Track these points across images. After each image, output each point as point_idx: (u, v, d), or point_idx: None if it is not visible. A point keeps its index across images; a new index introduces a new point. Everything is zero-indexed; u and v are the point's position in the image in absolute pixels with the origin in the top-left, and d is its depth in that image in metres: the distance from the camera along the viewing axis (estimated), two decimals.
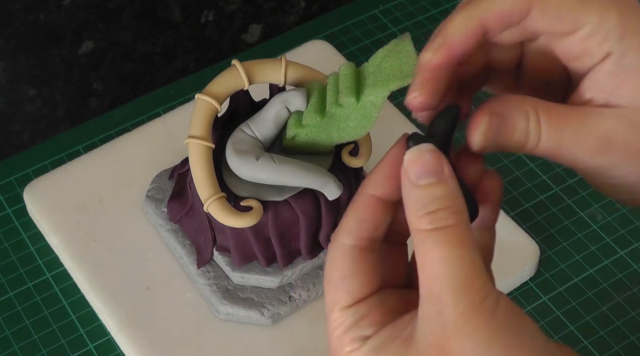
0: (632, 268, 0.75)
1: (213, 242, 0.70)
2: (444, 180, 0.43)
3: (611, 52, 0.46)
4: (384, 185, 0.45)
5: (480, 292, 0.41)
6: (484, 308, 0.41)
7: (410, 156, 0.44)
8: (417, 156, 0.44)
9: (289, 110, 0.66)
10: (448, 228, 0.42)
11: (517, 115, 0.45)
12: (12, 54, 0.83)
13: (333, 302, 0.45)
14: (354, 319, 0.44)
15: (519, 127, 0.45)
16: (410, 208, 0.43)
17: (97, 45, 0.87)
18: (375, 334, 0.44)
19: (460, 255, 0.42)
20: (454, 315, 0.41)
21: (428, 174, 0.43)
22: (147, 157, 0.78)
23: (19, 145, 0.87)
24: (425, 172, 0.43)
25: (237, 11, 0.92)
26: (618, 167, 0.46)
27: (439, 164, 0.43)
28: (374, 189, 0.45)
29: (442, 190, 0.43)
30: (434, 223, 0.42)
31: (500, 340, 0.41)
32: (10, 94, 0.85)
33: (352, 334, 0.44)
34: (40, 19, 0.83)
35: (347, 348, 0.44)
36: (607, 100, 0.46)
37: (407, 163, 0.44)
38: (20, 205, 0.78)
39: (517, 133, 0.45)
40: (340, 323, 0.45)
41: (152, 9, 0.88)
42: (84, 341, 0.72)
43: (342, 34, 0.90)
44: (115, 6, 0.86)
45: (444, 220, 0.42)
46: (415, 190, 0.43)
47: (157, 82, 0.92)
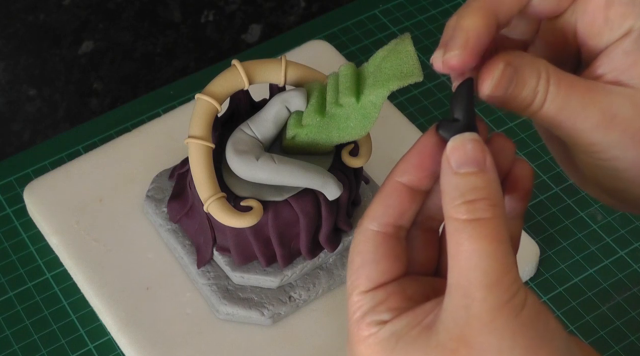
0: (632, 268, 0.75)
1: (213, 242, 0.70)
2: (485, 170, 0.43)
3: (633, 29, 0.46)
4: (411, 172, 0.45)
5: (509, 289, 0.41)
6: (512, 305, 0.41)
7: (454, 143, 0.43)
8: (460, 143, 0.43)
9: (289, 110, 0.66)
10: (485, 221, 0.42)
11: (529, 71, 0.45)
12: (12, 54, 0.83)
13: (353, 286, 0.45)
14: (371, 304, 0.44)
15: (529, 83, 0.45)
16: (448, 195, 0.43)
17: (97, 45, 0.87)
18: (393, 319, 0.44)
19: (494, 250, 0.41)
20: (481, 310, 0.41)
21: (470, 163, 0.43)
22: (147, 157, 0.78)
23: (19, 145, 0.87)
24: (467, 160, 0.43)
25: (237, 11, 0.92)
26: (614, 147, 0.46)
27: (482, 154, 0.43)
28: (401, 176, 0.45)
29: (482, 181, 0.42)
30: (470, 213, 0.42)
31: (524, 338, 0.41)
32: (10, 94, 0.85)
33: (369, 318, 0.44)
34: (40, 19, 0.83)
35: (365, 333, 0.44)
36: (617, 78, 0.46)
37: (449, 150, 0.43)
38: (20, 205, 0.78)
39: (526, 89, 0.45)
40: (358, 307, 0.44)
41: (152, 9, 0.88)
42: (84, 341, 0.72)
43: (342, 34, 0.90)
44: (115, 6, 0.86)
45: (481, 212, 0.42)
46: (455, 178, 0.42)
47: (157, 82, 0.92)
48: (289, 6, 0.95)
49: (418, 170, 0.45)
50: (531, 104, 0.46)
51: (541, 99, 0.45)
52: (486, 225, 0.42)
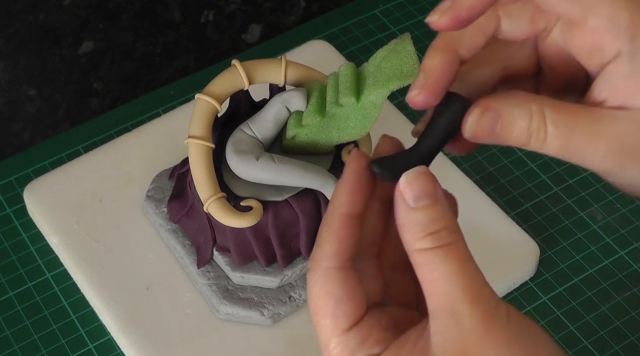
0: (632, 268, 0.75)
1: (213, 242, 0.70)
2: (439, 200, 0.44)
3: (622, 51, 0.46)
4: (350, 201, 0.46)
5: (491, 301, 0.43)
6: (499, 315, 0.43)
7: (407, 179, 0.44)
8: (413, 179, 0.44)
9: (289, 110, 0.66)
10: (451, 245, 0.43)
11: (516, 112, 0.45)
12: (12, 54, 0.83)
13: (331, 329, 0.45)
14: (357, 341, 0.44)
15: (517, 125, 0.45)
16: (409, 230, 0.44)
17: (97, 45, 0.87)
18: (384, 351, 0.44)
19: (466, 267, 0.43)
20: (472, 324, 0.42)
21: (424, 196, 0.44)
22: (147, 157, 0.78)
23: (19, 145, 0.87)
24: (422, 194, 0.44)
25: (237, 11, 0.92)
26: (630, 170, 0.46)
27: (434, 186, 0.44)
28: (343, 208, 0.46)
29: (438, 211, 0.44)
30: (437, 242, 0.43)
31: (519, 345, 0.42)
32: (10, 94, 0.85)
33: (361, 354, 0.44)
34: (40, 19, 0.83)
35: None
36: (622, 102, 0.46)
37: (403, 186, 0.44)
38: (20, 205, 0.78)
39: (516, 130, 0.45)
40: (343, 347, 0.44)
41: (152, 9, 0.88)
42: (84, 341, 0.72)
43: (342, 34, 0.90)
44: (115, 6, 0.86)
45: (446, 239, 0.43)
46: (413, 213, 0.44)
47: (157, 82, 0.92)
48: (289, 6, 0.95)
49: (354, 197, 0.46)
50: (529, 142, 0.46)
51: (540, 137, 0.45)
52: (453, 248, 0.43)
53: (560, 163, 0.81)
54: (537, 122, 0.45)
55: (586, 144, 0.45)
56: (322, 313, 0.45)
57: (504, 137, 0.46)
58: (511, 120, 0.45)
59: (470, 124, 0.46)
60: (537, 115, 0.45)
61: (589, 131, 0.45)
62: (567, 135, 0.45)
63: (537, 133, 0.45)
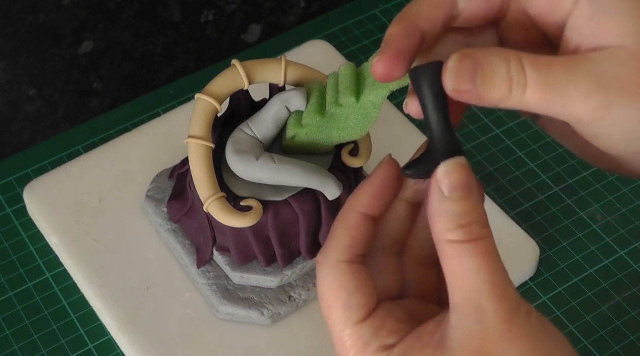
0: (632, 268, 0.75)
1: (213, 242, 0.70)
2: (473, 193, 0.44)
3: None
4: (371, 204, 0.47)
5: (515, 300, 0.43)
6: (522, 314, 0.43)
7: (445, 169, 0.45)
8: (452, 169, 0.45)
9: (289, 110, 0.66)
10: (482, 240, 0.43)
11: (495, 59, 0.45)
12: (12, 54, 0.83)
13: (344, 320, 0.45)
14: (372, 331, 0.44)
15: (498, 70, 0.45)
16: (441, 220, 0.44)
17: (97, 45, 0.87)
18: (399, 343, 0.44)
19: (495, 266, 0.43)
20: (496, 321, 0.42)
21: (460, 188, 0.44)
22: (147, 157, 0.78)
23: (19, 145, 0.87)
24: (458, 185, 0.44)
25: (237, 11, 0.92)
26: (615, 107, 0.45)
27: (470, 178, 0.45)
28: (363, 208, 0.47)
29: (472, 204, 0.44)
30: (468, 235, 0.43)
31: (541, 343, 0.42)
32: (10, 94, 0.85)
33: (374, 345, 0.44)
34: (40, 19, 0.83)
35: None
36: (593, 45, 0.46)
37: (441, 175, 0.44)
38: (20, 205, 0.78)
39: (498, 77, 0.45)
40: (357, 338, 0.44)
41: (152, 9, 0.88)
42: (84, 341, 0.72)
43: (342, 34, 0.90)
44: (115, 6, 0.86)
45: (477, 233, 0.43)
46: (448, 203, 0.44)
47: (157, 82, 0.92)
48: (289, 6, 0.95)
49: (378, 200, 0.47)
50: (511, 91, 0.45)
51: (521, 83, 0.45)
52: (484, 244, 0.43)
53: (560, 163, 0.81)
54: (515, 66, 0.45)
55: (568, 82, 0.44)
56: (334, 305, 0.45)
57: (487, 89, 0.45)
58: (490, 67, 0.45)
59: (450, 71, 0.45)
60: (515, 60, 0.45)
61: (567, 70, 0.45)
62: (546, 77, 0.45)
63: (517, 79, 0.44)
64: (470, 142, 0.82)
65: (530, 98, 0.45)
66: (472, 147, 0.82)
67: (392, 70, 0.47)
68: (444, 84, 0.45)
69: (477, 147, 0.82)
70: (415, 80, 0.46)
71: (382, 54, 0.47)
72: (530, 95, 0.45)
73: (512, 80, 0.45)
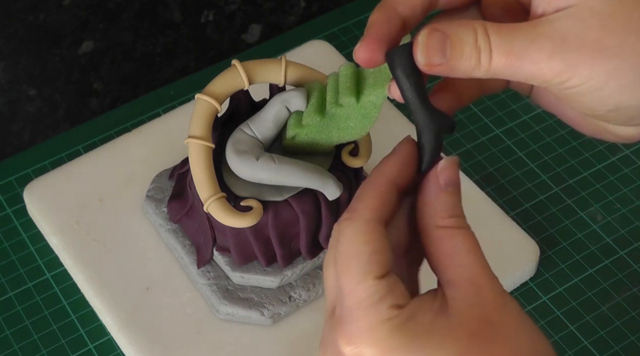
0: (632, 268, 0.75)
1: (213, 242, 0.70)
2: (460, 192, 0.48)
3: None
4: (402, 174, 0.48)
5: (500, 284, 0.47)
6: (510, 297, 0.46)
7: (445, 164, 0.48)
8: (449, 165, 0.48)
9: (289, 110, 0.66)
10: (468, 229, 0.47)
11: (462, 30, 0.46)
12: (12, 54, 0.83)
13: (364, 273, 0.45)
14: (387, 289, 0.45)
15: (466, 40, 0.46)
16: (435, 208, 0.47)
17: (97, 45, 0.87)
18: (407, 305, 0.45)
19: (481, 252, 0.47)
20: (493, 295, 0.46)
21: (453, 183, 0.48)
22: (147, 157, 0.78)
23: (19, 145, 0.87)
24: (452, 181, 0.48)
25: (237, 11, 0.92)
26: (577, 68, 0.46)
27: (459, 177, 0.48)
28: (393, 175, 0.48)
29: (459, 200, 0.48)
30: (458, 223, 0.47)
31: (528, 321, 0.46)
32: (10, 94, 0.85)
33: (388, 301, 0.45)
34: (40, 19, 0.83)
35: (385, 316, 0.45)
36: (557, 6, 0.47)
37: (441, 168, 0.48)
38: (20, 205, 0.78)
39: (466, 48, 0.46)
40: (374, 291, 0.45)
41: (152, 9, 0.88)
42: (84, 341, 0.72)
43: (342, 34, 0.90)
44: (115, 6, 0.86)
45: (464, 224, 0.47)
46: (443, 195, 0.47)
47: (157, 82, 0.92)
48: (289, 6, 0.95)
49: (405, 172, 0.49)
50: (480, 60, 0.46)
51: (487, 50, 0.46)
52: (470, 232, 0.47)
53: (560, 163, 0.81)
54: (482, 35, 0.46)
55: (529, 45, 0.46)
56: (356, 257, 0.46)
57: (457, 59, 0.46)
58: (458, 38, 0.46)
59: (420, 46, 0.47)
60: (480, 29, 0.46)
61: (529, 33, 0.46)
62: (509, 42, 0.46)
63: (484, 47, 0.46)
64: (470, 142, 0.82)
65: (496, 64, 0.46)
66: (472, 147, 0.82)
67: (372, 54, 0.49)
68: (416, 59, 0.47)
69: (477, 147, 0.82)
70: (389, 62, 0.48)
71: (363, 40, 0.49)
72: (496, 62, 0.46)
73: (479, 49, 0.46)
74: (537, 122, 0.83)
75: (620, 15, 0.46)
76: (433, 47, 0.46)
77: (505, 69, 0.46)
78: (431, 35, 0.46)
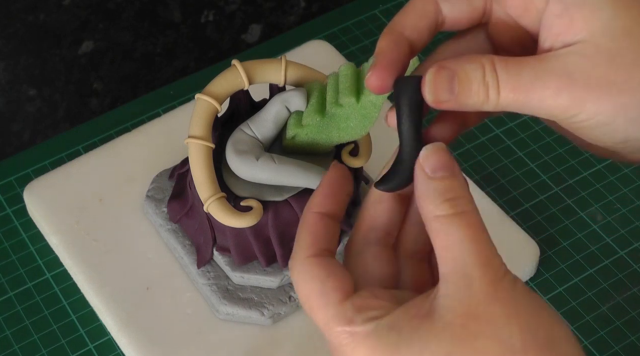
0: (632, 268, 0.75)
1: (213, 242, 0.70)
2: (457, 174, 0.47)
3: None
4: (326, 203, 0.49)
5: (500, 269, 0.45)
6: (507, 280, 0.45)
7: (426, 152, 0.47)
8: (432, 152, 0.47)
9: (289, 110, 0.66)
10: (468, 213, 0.46)
11: (469, 67, 0.47)
12: (12, 54, 0.83)
13: (325, 305, 0.46)
14: (353, 309, 0.45)
15: (474, 77, 0.47)
16: (428, 197, 0.46)
17: (97, 45, 0.87)
18: (387, 315, 0.45)
19: (480, 236, 0.45)
20: (482, 285, 0.44)
21: (442, 168, 0.46)
22: (147, 157, 0.78)
23: (19, 145, 0.87)
24: (440, 166, 0.46)
25: (237, 11, 0.92)
26: (585, 104, 0.46)
27: (451, 161, 0.47)
28: (317, 207, 0.49)
29: (456, 182, 0.46)
30: (454, 208, 0.45)
31: (526, 306, 0.44)
32: (10, 94, 0.85)
33: (359, 319, 0.45)
34: (40, 19, 0.83)
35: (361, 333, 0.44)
36: (564, 41, 0.47)
37: (423, 158, 0.47)
38: (20, 205, 0.78)
39: (474, 84, 0.47)
40: (340, 317, 0.45)
41: (152, 9, 0.88)
42: (84, 341, 0.72)
43: (342, 34, 0.90)
44: (115, 6, 0.86)
45: (463, 206, 0.46)
46: (432, 182, 0.46)
47: (157, 82, 0.92)
48: (289, 6, 0.95)
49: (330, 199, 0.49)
50: (488, 96, 0.47)
51: (494, 87, 0.46)
52: (470, 216, 0.46)
53: (560, 163, 0.81)
54: (489, 71, 0.46)
55: (535, 81, 0.46)
56: (312, 296, 0.46)
57: (465, 96, 0.47)
58: (466, 75, 0.47)
59: (428, 84, 0.47)
60: (488, 65, 0.47)
61: (536, 69, 0.46)
62: (517, 78, 0.46)
63: (492, 83, 0.46)
64: (470, 142, 0.82)
65: (504, 99, 0.47)
66: (472, 147, 0.82)
67: (384, 81, 0.49)
68: (425, 97, 0.47)
69: (477, 147, 0.82)
70: (395, 90, 0.48)
71: (374, 68, 0.49)
72: (503, 98, 0.47)
73: (487, 86, 0.47)
74: (537, 122, 0.83)
75: (627, 51, 0.46)
76: (441, 85, 0.47)
77: (513, 103, 0.47)
78: (439, 73, 0.47)
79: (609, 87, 0.46)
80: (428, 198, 0.46)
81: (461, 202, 0.46)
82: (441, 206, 0.45)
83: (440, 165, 0.46)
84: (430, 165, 0.46)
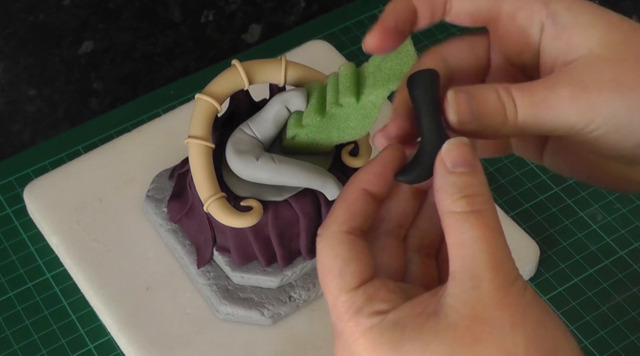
0: (632, 268, 0.75)
1: (213, 241, 0.70)
2: (478, 172, 0.46)
3: (543, 20, 0.48)
4: (374, 181, 0.48)
5: (512, 273, 0.44)
6: (517, 285, 0.44)
7: (448, 146, 0.46)
8: (454, 146, 0.46)
9: (289, 110, 0.66)
10: (484, 212, 0.45)
11: (485, 91, 0.47)
12: (12, 54, 0.83)
13: (339, 288, 0.45)
14: (364, 298, 0.45)
15: (490, 97, 0.47)
16: (445, 192, 0.45)
17: (97, 45, 0.87)
18: (393, 310, 0.45)
19: (495, 237, 0.45)
20: (491, 288, 0.44)
21: (463, 163, 0.46)
22: (147, 157, 0.78)
23: (19, 145, 0.87)
24: (461, 161, 0.46)
25: (237, 11, 0.92)
26: (600, 106, 0.47)
27: (473, 157, 0.46)
28: (364, 184, 0.48)
29: (476, 179, 0.46)
30: (470, 206, 0.45)
31: (533, 313, 0.44)
32: (10, 94, 0.85)
33: (367, 310, 0.45)
34: (40, 19, 0.83)
35: (366, 325, 0.44)
36: (566, 60, 0.48)
37: (444, 152, 0.46)
38: (20, 205, 0.78)
39: (492, 104, 0.47)
40: (350, 304, 0.45)
41: (152, 9, 0.88)
42: (84, 341, 0.72)
43: (342, 34, 0.90)
44: (115, 6, 0.86)
45: (480, 205, 0.45)
46: (451, 177, 0.46)
47: (157, 82, 0.92)
48: (289, 6, 0.95)
49: (379, 179, 0.48)
50: (506, 115, 0.47)
51: (511, 104, 0.47)
52: (486, 215, 0.45)
53: None
54: (504, 92, 0.47)
55: (550, 94, 0.47)
56: (330, 273, 0.46)
57: (484, 116, 0.47)
58: (483, 96, 0.47)
59: (451, 104, 0.47)
60: (502, 89, 0.47)
61: (547, 84, 0.47)
62: (531, 94, 0.47)
63: (507, 101, 0.47)
64: None
65: (523, 117, 0.47)
66: None
67: (381, 42, 0.49)
68: (448, 117, 0.47)
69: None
70: (410, 84, 0.48)
71: (374, 27, 0.49)
72: (522, 115, 0.47)
73: (504, 105, 0.47)
74: None
75: (628, 55, 0.47)
76: (462, 106, 0.47)
77: (531, 119, 0.47)
78: (458, 95, 0.47)
79: (620, 87, 0.47)
80: (445, 192, 0.45)
81: (479, 199, 0.45)
82: (458, 202, 0.45)
83: (461, 160, 0.46)
84: (451, 159, 0.46)
